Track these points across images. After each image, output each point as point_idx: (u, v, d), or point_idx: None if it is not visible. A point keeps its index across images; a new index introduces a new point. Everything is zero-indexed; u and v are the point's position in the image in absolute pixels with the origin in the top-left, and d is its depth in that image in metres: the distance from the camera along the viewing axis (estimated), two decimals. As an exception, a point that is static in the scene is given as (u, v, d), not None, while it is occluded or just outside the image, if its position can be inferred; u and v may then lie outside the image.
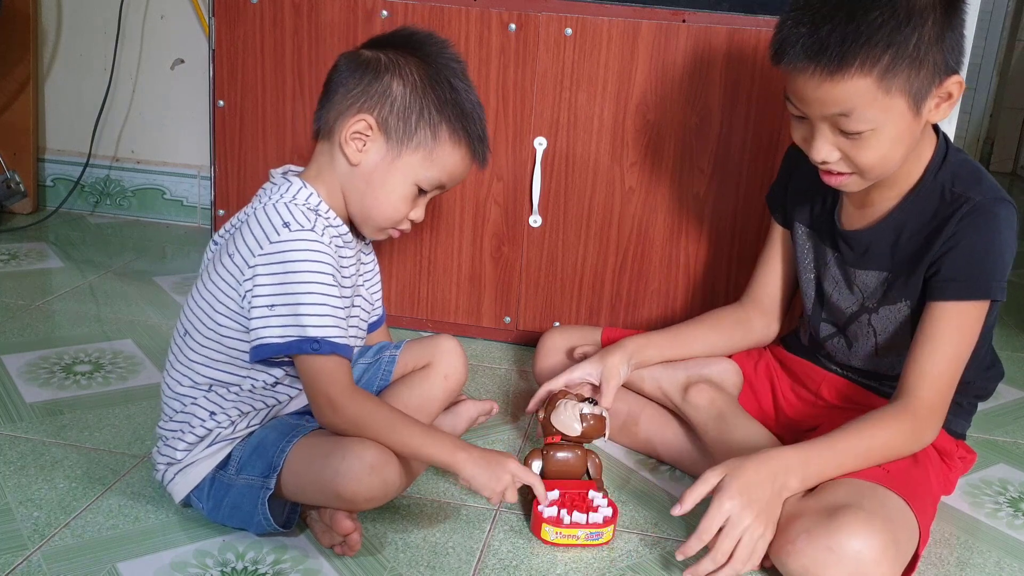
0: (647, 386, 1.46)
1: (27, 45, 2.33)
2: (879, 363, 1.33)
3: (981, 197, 1.19)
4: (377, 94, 1.16)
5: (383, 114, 1.16)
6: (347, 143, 1.17)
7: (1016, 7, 3.89)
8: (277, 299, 1.10)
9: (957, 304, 1.18)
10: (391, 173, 1.18)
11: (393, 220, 1.21)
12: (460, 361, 1.37)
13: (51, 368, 1.61)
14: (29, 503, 1.22)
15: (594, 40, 1.67)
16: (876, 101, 1.11)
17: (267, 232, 1.12)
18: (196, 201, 2.46)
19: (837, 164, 1.18)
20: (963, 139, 4.01)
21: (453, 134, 1.18)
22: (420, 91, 1.17)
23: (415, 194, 1.20)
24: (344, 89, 1.17)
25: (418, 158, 1.18)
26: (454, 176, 1.22)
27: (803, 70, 1.13)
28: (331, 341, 1.11)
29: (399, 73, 1.17)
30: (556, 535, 1.20)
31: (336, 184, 1.19)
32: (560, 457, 1.30)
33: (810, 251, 1.38)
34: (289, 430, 1.17)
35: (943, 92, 1.15)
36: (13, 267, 2.08)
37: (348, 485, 1.09)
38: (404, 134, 1.17)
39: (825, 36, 1.10)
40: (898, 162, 1.19)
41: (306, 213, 1.14)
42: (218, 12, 1.78)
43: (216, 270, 1.16)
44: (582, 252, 1.78)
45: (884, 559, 1.05)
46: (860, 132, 1.13)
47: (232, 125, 1.83)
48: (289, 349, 1.11)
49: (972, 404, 1.36)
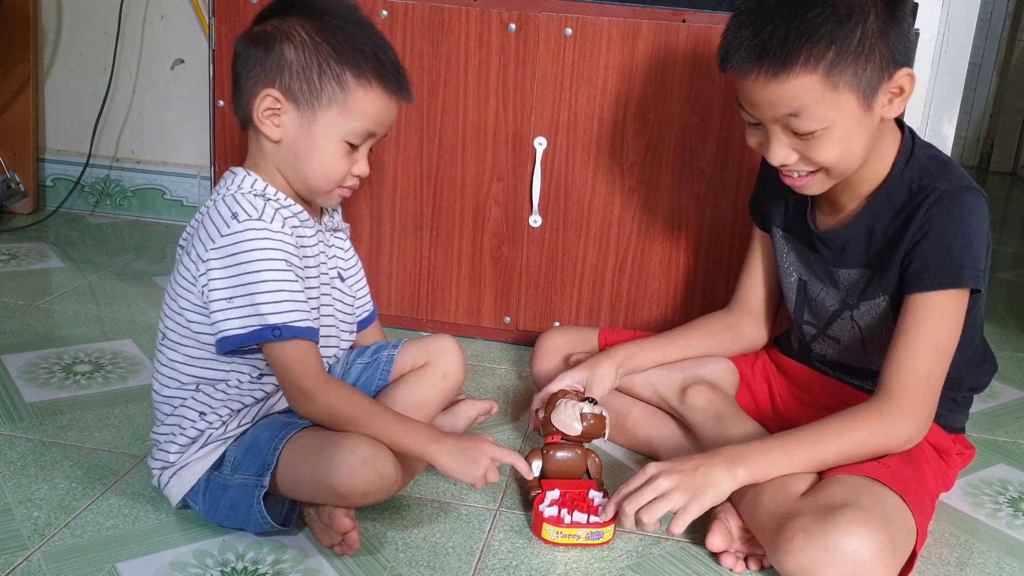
0: (640, 390, 1.45)
1: (27, 45, 2.33)
2: (869, 360, 1.33)
3: (947, 186, 1.18)
4: (273, 65, 1.14)
5: (285, 82, 1.14)
6: (263, 123, 1.16)
7: (1016, 7, 3.89)
8: (234, 290, 1.10)
9: (930, 295, 1.17)
10: (313, 138, 1.16)
11: (333, 181, 1.19)
12: (459, 360, 1.37)
13: (51, 368, 1.61)
14: (29, 503, 1.22)
15: (594, 40, 1.67)
16: (824, 98, 1.12)
17: (218, 226, 1.12)
18: (196, 201, 2.46)
19: (797, 165, 1.19)
20: (963, 139, 4.01)
21: (360, 78, 1.15)
22: (312, 47, 1.14)
23: (347, 150, 1.17)
24: (245, 71, 1.17)
25: (334, 114, 1.15)
26: (380, 120, 1.18)
27: (748, 73, 1.14)
28: (292, 326, 1.10)
29: (287, 36, 1.14)
30: (556, 535, 1.20)
31: (271, 166, 1.19)
32: (560, 457, 1.30)
33: (789, 253, 1.38)
34: (281, 428, 1.17)
35: (894, 86, 1.15)
36: (13, 267, 2.08)
37: (342, 479, 1.09)
38: (311, 95, 1.14)
39: (767, 37, 1.10)
40: (859, 157, 1.19)
41: (253, 201, 1.14)
42: (218, 12, 1.78)
43: (179, 271, 1.17)
44: (582, 252, 1.78)
45: (881, 558, 1.05)
46: (812, 132, 1.14)
47: (232, 125, 1.83)
48: (251, 339, 1.10)
49: (967, 398, 1.36)
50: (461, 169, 1.77)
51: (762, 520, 1.15)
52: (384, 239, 1.83)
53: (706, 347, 1.46)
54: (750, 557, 1.19)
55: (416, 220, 1.81)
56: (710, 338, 1.46)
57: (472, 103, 1.73)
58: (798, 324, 1.40)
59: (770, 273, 1.44)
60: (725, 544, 1.19)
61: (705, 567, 1.19)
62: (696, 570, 1.19)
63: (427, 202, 1.80)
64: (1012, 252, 2.92)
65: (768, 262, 1.44)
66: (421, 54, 1.71)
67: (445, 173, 1.78)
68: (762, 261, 1.45)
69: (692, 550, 1.22)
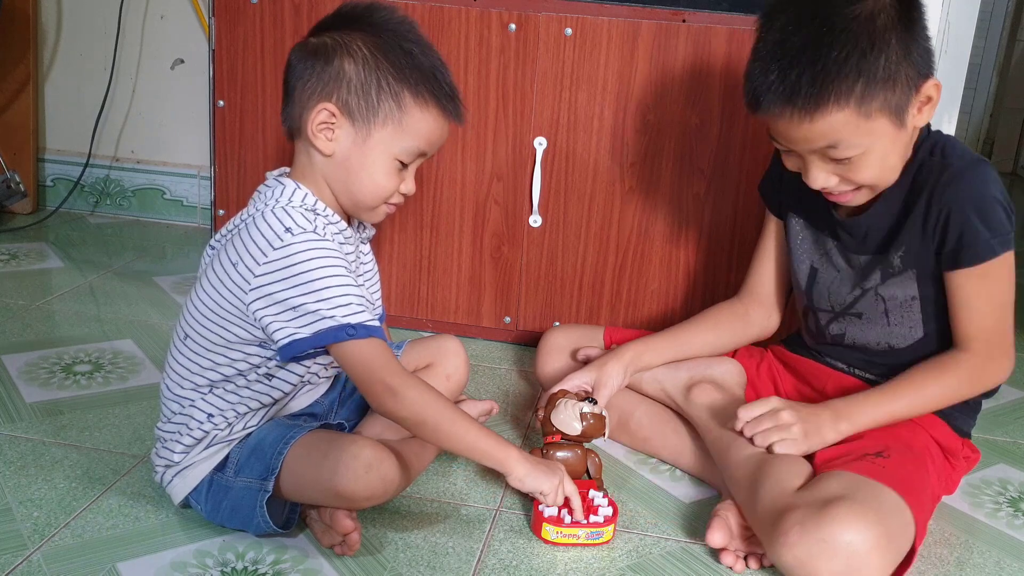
0: (648, 387, 1.46)
1: (27, 45, 2.33)
2: (891, 335, 1.33)
3: (959, 162, 1.22)
4: (331, 79, 1.14)
5: (342, 97, 1.14)
6: (316, 136, 1.15)
7: (1016, 7, 3.89)
8: (298, 299, 1.08)
9: (973, 269, 1.22)
10: (366, 154, 1.15)
11: (381, 198, 1.18)
12: (463, 361, 1.37)
13: (51, 368, 1.61)
14: (29, 503, 1.22)
15: (594, 40, 1.67)
16: (859, 128, 1.14)
17: (269, 240, 1.10)
18: (196, 201, 2.46)
19: (838, 187, 1.22)
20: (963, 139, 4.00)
21: (417, 98, 1.15)
22: (373, 63, 1.13)
23: (398, 168, 1.17)
24: (300, 83, 1.15)
25: (389, 132, 1.15)
26: (432, 140, 1.18)
27: (781, 115, 1.16)
28: (367, 325, 1.09)
29: (348, 51, 1.14)
30: (556, 535, 1.20)
31: (320, 179, 1.18)
32: (560, 456, 1.30)
33: (805, 241, 1.39)
34: (286, 431, 1.17)
35: (922, 98, 1.18)
36: (13, 267, 2.08)
37: (346, 484, 1.09)
38: (368, 111, 1.14)
39: (795, 80, 1.12)
40: (898, 168, 1.22)
41: (305, 215, 1.13)
42: (218, 12, 1.78)
43: (216, 274, 1.14)
44: (582, 252, 1.78)
45: (876, 551, 1.05)
46: (850, 158, 1.17)
47: (232, 125, 1.83)
48: (324, 340, 1.08)
49: (978, 402, 1.36)
50: (461, 169, 1.77)
51: (760, 515, 1.15)
52: (384, 239, 1.83)
53: (714, 341, 1.47)
54: (750, 556, 1.19)
55: (416, 220, 1.81)
56: (718, 331, 1.47)
57: (472, 103, 1.73)
58: (812, 309, 1.40)
59: (782, 260, 1.45)
60: (725, 541, 1.19)
61: (705, 567, 1.19)
62: (696, 570, 1.19)
63: (427, 202, 1.80)
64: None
65: (781, 249, 1.45)
66: (421, 54, 1.71)
67: (445, 173, 1.78)
68: (775, 248, 1.45)
69: (692, 550, 1.22)
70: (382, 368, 1.09)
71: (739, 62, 1.63)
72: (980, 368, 1.25)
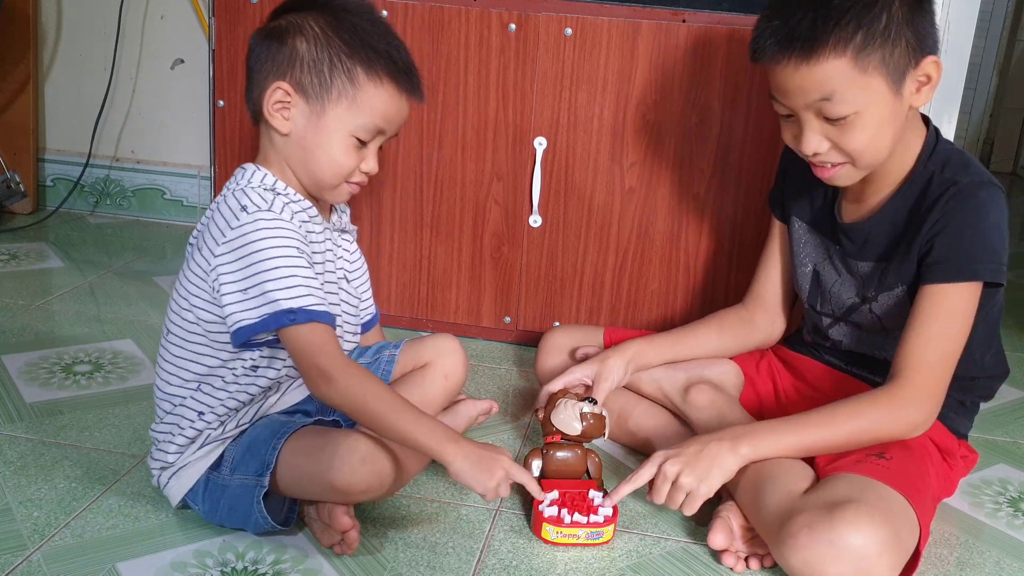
0: (646, 387, 1.46)
1: (27, 45, 2.33)
2: (887, 344, 1.32)
3: (968, 180, 1.21)
4: (285, 59, 1.15)
5: (296, 76, 1.15)
6: (272, 115, 1.16)
7: (1016, 7, 3.89)
8: (246, 281, 1.10)
9: (945, 287, 1.19)
10: (321, 131, 1.16)
11: (340, 176, 1.18)
12: (460, 361, 1.37)
13: (51, 368, 1.61)
14: (29, 503, 1.22)
15: (594, 40, 1.67)
16: (855, 81, 1.14)
17: (227, 219, 1.12)
18: (196, 201, 2.46)
19: (828, 154, 1.21)
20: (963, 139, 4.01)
21: (371, 73, 1.15)
22: (324, 41, 1.15)
23: (355, 145, 1.17)
24: (258, 65, 1.17)
25: (343, 108, 1.15)
26: (389, 117, 1.18)
27: (779, 61, 1.17)
28: (308, 310, 1.09)
29: (300, 31, 1.15)
30: (556, 535, 1.20)
31: (282, 160, 1.19)
32: (560, 456, 1.30)
33: (807, 244, 1.39)
34: (280, 427, 1.17)
35: (921, 74, 1.18)
36: (13, 267, 2.08)
37: (342, 477, 1.10)
38: (321, 89, 1.15)
39: (795, 24, 1.14)
40: (888, 147, 1.21)
41: (262, 194, 1.14)
42: (218, 12, 1.78)
43: (190, 267, 1.17)
44: (582, 252, 1.78)
45: (885, 553, 1.05)
46: (845, 116, 1.16)
47: (232, 125, 1.83)
48: (266, 326, 1.09)
49: (975, 404, 1.36)
50: (461, 169, 1.77)
51: (765, 518, 1.15)
52: (384, 239, 1.83)
53: (717, 344, 1.46)
54: (751, 557, 1.19)
55: (416, 220, 1.81)
56: (721, 335, 1.47)
57: (472, 103, 1.73)
58: (813, 314, 1.40)
59: (787, 266, 1.45)
60: (726, 542, 1.19)
61: (705, 567, 1.19)
62: (696, 570, 1.19)
63: (427, 202, 1.80)
64: (1012, 252, 2.91)
65: (786, 255, 1.45)
66: (421, 54, 1.71)
67: (445, 173, 1.78)
68: (780, 254, 1.45)
69: (693, 550, 1.22)
70: (318, 353, 1.10)
71: (739, 62, 1.63)
72: (899, 407, 1.18)
